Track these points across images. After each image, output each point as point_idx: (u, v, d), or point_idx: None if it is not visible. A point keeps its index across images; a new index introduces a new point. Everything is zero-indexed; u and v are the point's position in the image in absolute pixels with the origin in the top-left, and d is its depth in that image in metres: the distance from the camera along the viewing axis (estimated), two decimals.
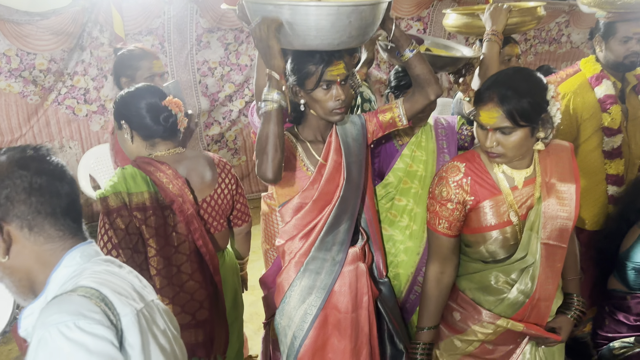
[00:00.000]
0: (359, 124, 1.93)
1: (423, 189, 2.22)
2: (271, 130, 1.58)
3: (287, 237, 1.90)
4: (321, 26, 1.62)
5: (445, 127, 2.32)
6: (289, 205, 1.86)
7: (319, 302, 1.86)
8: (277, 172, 1.61)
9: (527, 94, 1.60)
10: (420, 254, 2.25)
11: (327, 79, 1.73)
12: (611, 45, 2.42)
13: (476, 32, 2.49)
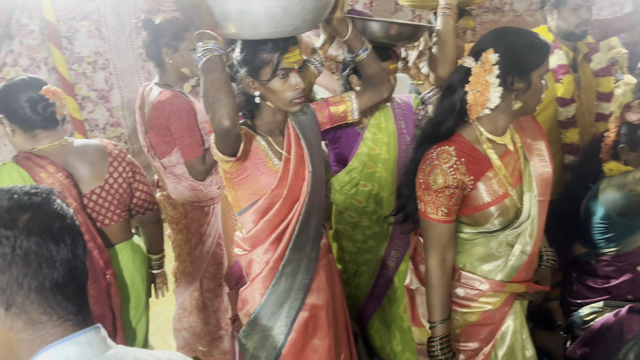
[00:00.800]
0: (310, 113, 1.84)
1: (387, 172, 2.18)
2: (216, 77, 1.45)
3: (254, 243, 1.76)
4: (273, 13, 1.51)
5: (402, 106, 2.27)
6: (254, 209, 1.71)
7: (297, 303, 1.78)
8: (234, 117, 1.47)
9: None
10: (389, 238, 2.23)
11: (284, 67, 1.62)
12: (562, 14, 2.41)
13: (430, 5, 2.43)
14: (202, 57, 1.46)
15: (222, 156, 1.57)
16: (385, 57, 2.07)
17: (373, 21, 2.03)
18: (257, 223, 1.71)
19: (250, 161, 1.66)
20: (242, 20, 1.52)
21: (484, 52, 1.56)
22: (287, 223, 1.73)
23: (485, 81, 1.54)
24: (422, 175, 1.65)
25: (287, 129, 1.77)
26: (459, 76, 1.63)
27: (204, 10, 1.48)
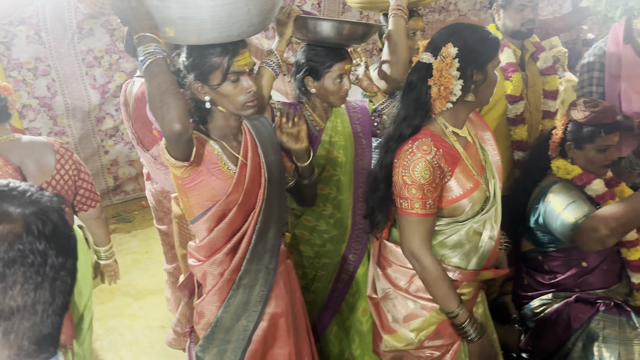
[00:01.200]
0: (267, 123, 1.82)
1: (344, 175, 2.16)
2: (162, 80, 1.40)
3: (208, 253, 1.69)
4: (218, 18, 1.48)
5: (357, 110, 2.27)
6: (207, 216, 1.65)
7: (255, 316, 1.73)
8: (185, 120, 1.42)
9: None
10: (346, 242, 2.21)
11: (235, 70, 1.58)
12: (509, 14, 2.47)
13: (380, 7, 2.44)
14: (145, 61, 1.40)
15: (175, 161, 1.52)
16: (339, 58, 2.07)
17: (326, 21, 2.01)
18: (211, 231, 1.65)
19: (204, 166, 1.60)
20: (186, 26, 1.48)
21: (443, 46, 1.60)
22: (243, 232, 1.67)
23: (449, 74, 1.58)
24: (405, 171, 1.62)
25: (243, 134, 1.72)
26: (419, 73, 1.66)
27: (143, 14, 1.43)
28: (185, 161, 1.53)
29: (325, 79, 2.07)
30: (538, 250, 2.29)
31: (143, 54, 1.40)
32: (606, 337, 2.01)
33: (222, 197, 1.63)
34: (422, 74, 1.65)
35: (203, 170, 1.60)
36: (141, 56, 1.41)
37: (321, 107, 2.17)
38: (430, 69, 1.62)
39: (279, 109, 1.84)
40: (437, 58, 1.61)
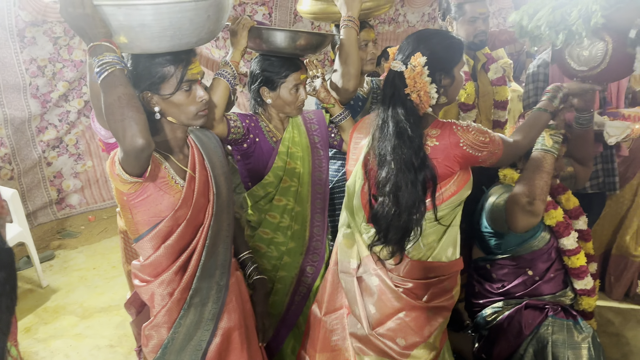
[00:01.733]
0: (213, 138, 1.78)
1: (302, 186, 2.14)
2: (122, 93, 1.33)
3: (154, 272, 1.60)
4: (179, 25, 1.43)
5: (315, 121, 2.26)
6: (154, 233, 1.57)
7: (208, 335, 1.66)
8: (148, 134, 1.36)
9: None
10: (304, 254, 2.19)
11: (189, 78, 1.54)
12: (462, 25, 2.52)
13: (332, 18, 2.44)
14: (102, 72, 1.33)
15: (128, 177, 1.44)
16: (294, 68, 2.06)
17: (280, 31, 2.00)
18: (157, 249, 1.57)
19: (151, 181, 1.53)
20: (145, 34, 1.41)
21: (413, 56, 1.71)
22: (192, 249, 1.61)
23: (422, 81, 1.69)
24: (481, 137, 1.75)
25: (190, 148, 1.67)
26: (393, 82, 1.77)
27: (98, 22, 1.36)
28: (139, 177, 1.46)
29: (281, 89, 2.06)
30: (487, 258, 2.32)
31: (99, 64, 1.33)
32: (555, 342, 2.06)
33: (171, 212, 1.56)
34: (397, 83, 1.75)
35: (150, 185, 1.53)
36: (97, 67, 1.34)
37: (277, 118, 2.15)
38: (403, 78, 1.73)
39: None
40: (408, 67, 1.72)
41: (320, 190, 2.21)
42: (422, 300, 1.83)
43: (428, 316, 1.84)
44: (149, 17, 1.39)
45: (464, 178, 1.81)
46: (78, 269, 4.06)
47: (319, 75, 2.20)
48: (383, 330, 1.84)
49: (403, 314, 1.82)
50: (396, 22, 6.67)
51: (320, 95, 2.21)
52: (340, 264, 1.96)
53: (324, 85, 2.21)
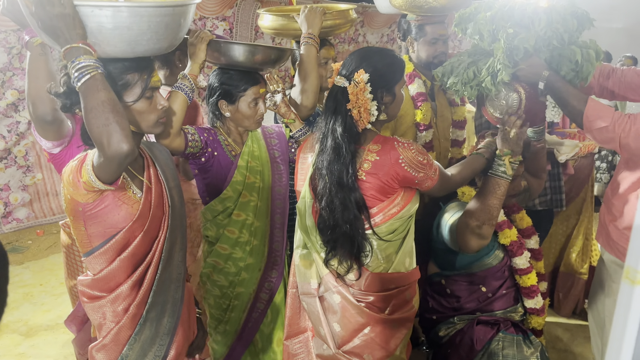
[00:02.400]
0: (164, 150, 1.75)
1: (262, 201, 2.12)
2: (106, 97, 1.29)
3: (107, 287, 1.53)
4: (156, 29, 1.43)
5: (274, 136, 2.25)
6: (109, 246, 1.50)
7: (163, 350, 1.62)
8: (132, 139, 1.33)
9: None
10: (262, 269, 2.16)
11: (153, 86, 1.52)
12: (422, 46, 2.56)
13: (292, 34, 2.45)
14: (81, 77, 1.29)
15: (101, 185, 1.39)
16: (253, 82, 2.05)
17: (239, 45, 1.99)
18: (111, 262, 1.51)
19: (112, 191, 1.48)
20: (123, 36, 1.39)
21: (356, 72, 1.75)
22: (147, 262, 1.56)
23: (364, 97, 1.73)
24: (420, 157, 1.77)
25: (145, 159, 1.63)
26: (336, 97, 1.79)
27: (77, 22, 1.32)
28: (112, 185, 1.42)
29: (240, 103, 2.05)
30: (442, 274, 2.35)
31: (78, 67, 1.29)
32: (505, 357, 2.09)
33: (128, 224, 1.51)
34: (340, 99, 1.78)
35: (109, 195, 1.48)
36: (75, 70, 1.29)
37: (236, 132, 2.13)
38: (346, 93, 1.76)
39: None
40: (351, 83, 1.75)
41: (280, 206, 2.19)
42: (385, 313, 1.84)
43: (392, 329, 1.85)
44: (128, 19, 1.37)
45: (410, 193, 1.84)
46: (23, 285, 3.90)
47: (280, 90, 2.20)
48: (349, 347, 1.83)
49: (368, 330, 1.82)
50: (356, 42, 6.78)
51: (281, 110, 2.21)
52: (299, 286, 1.95)
53: (285, 100, 2.21)
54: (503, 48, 1.88)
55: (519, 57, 1.91)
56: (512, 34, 1.87)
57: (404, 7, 2.49)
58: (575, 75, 1.93)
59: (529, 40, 1.85)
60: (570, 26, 1.87)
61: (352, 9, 2.52)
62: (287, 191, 2.23)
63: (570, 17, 1.87)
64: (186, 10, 1.53)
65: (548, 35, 1.86)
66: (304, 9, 2.32)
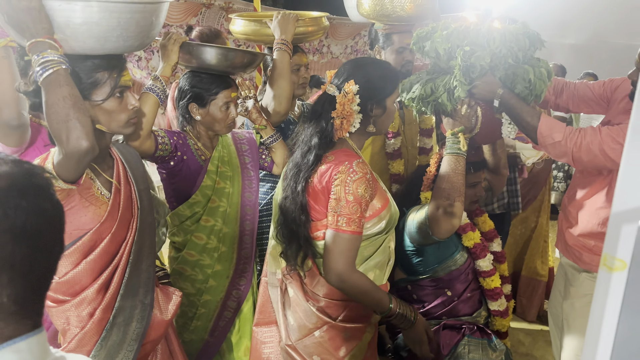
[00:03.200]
0: (134, 152, 1.73)
1: (231, 207, 2.10)
2: (68, 93, 1.27)
3: (71, 290, 1.49)
4: (126, 26, 1.41)
5: (245, 142, 2.24)
6: (75, 247, 1.47)
7: (131, 355, 1.57)
8: (93, 138, 1.31)
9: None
10: (230, 277, 2.13)
11: (122, 85, 1.50)
12: (389, 55, 2.60)
13: (264, 40, 2.46)
14: (44, 71, 1.26)
15: (62, 184, 1.37)
16: (225, 85, 2.04)
17: (212, 47, 1.98)
18: (77, 264, 1.48)
19: (77, 191, 1.45)
20: (92, 32, 1.37)
21: (346, 82, 1.73)
22: (115, 265, 1.53)
23: (350, 109, 1.71)
24: (348, 188, 1.66)
25: (115, 160, 1.61)
26: (323, 104, 1.77)
27: (44, 17, 1.30)
28: (73, 184, 1.40)
29: (211, 106, 2.03)
30: (408, 279, 2.37)
31: (41, 62, 1.27)
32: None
33: (96, 225, 1.48)
34: (327, 106, 1.76)
35: (76, 195, 1.45)
36: (38, 65, 1.27)
37: (206, 136, 2.10)
38: (334, 101, 1.74)
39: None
40: (341, 92, 1.73)
41: (250, 212, 2.17)
42: (335, 320, 1.79)
43: (344, 337, 1.81)
44: (98, 14, 1.35)
45: (378, 210, 1.78)
46: None
47: (252, 96, 2.20)
48: (301, 346, 1.80)
49: (318, 333, 1.79)
50: (320, 53, 6.83)
51: (252, 116, 2.21)
52: (268, 276, 1.93)
53: (256, 106, 2.21)
54: (460, 65, 1.92)
55: (475, 75, 1.95)
56: (469, 51, 1.91)
57: (372, 15, 2.53)
58: (529, 92, 1.98)
59: (484, 58, 1.89)
60: (523, 45, 1.94)
61: (324, 17, 2.54)
62: (257, 197, 2.22)
63: (522, 37, 1.93)
64: (158, 9, 1.52)
65: (503, 53, 1.91)
66: (277, 14, 2.34)
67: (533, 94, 2.00)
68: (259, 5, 4.74)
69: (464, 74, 1.94)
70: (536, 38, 1.99)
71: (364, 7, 2.56)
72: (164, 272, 1.90)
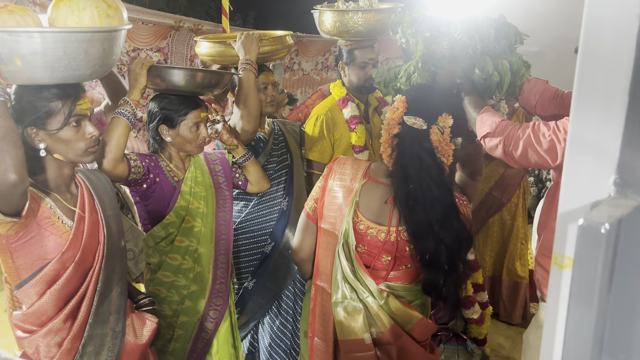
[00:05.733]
0: (104, 179, 1.73)
1: (206, 227, 2.10)
2: (1, 125, 1.26)
3: (39, 321, 1.48)
4: (74, 55, 1.41)
5: (218, 162, 2.25)
6: (38, 278, 1.46)
7: None
8: (23, 170, 1.29)
9: None
10: (207, 297, 2.11)
11: (78, 114, 1.50)
12: (353, 70, 2.65)
13: (230, 60, 2.48)
14: None
15: (3, 217, 1.34)
16: (194, 106, 2.06)
17: (179, 69, 2.01)
18: (42, 295, 1.47)
19: (35, 221, 1.44)
20: (38, 62, 1.37)
21: (440, 116, 1.68)
22: (81, 294, 1.52)
23: (450, 147, 1.68)
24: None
25: (79, 187, 1.60)
26: (418, 139, 1.68)
27: None
28: (15, 216, 1.36)
29: (181, 127, 2.05)
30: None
31: None
32: None
33: (57, 255, 1.47)
34: (421, 140, 1.68)
35: (34, 225, 1.44)
36: None
37: (178, 157, 2.12)
38: (425, 134, 1.67)
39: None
40: (434, 127, 1.66)
41: (225, 231, 2.18)
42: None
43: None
44: (41, 45, 1.35)
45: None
46: None
47: (220, 119, 2.22)
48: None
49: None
50: (292, 70, 6.89)
51: (223, 137, 2.23)
52: (342, 344, 1.76)
53: (226, 127, 2.23)
54: (422, 51, 1.91)
55: (436, 62, 1.93)
56: (429, 37, 1.89)
57: (333, 32, 2.59)
58: (486, 85, 1.93)
59: (443, 44, 1.88)
60: (486, 36, 1.89)
61: (288, 35, 2.58)
62: (232, 216, 2.23)
63: (486, 27, 1.89)
64: (109, 37, 1.51)
65: (464, 41, 1.87)
66: (240, 35, 2.36)
67: (492, 87, 1.94)
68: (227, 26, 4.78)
69: (426, 61, 1.92)
70: (511, 31, 1.96)
71: (325, 25, 2.61)
72: (149, 300, 1.86)
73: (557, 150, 1.75)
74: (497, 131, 1.87)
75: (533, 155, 1.80)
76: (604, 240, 0.59)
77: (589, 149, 0.66)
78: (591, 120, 0.65)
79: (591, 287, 0.62)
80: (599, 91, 0.63)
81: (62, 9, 1.53)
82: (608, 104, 0.62)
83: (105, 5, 1.56)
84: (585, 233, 0.60)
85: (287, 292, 2.56)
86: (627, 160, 0.63)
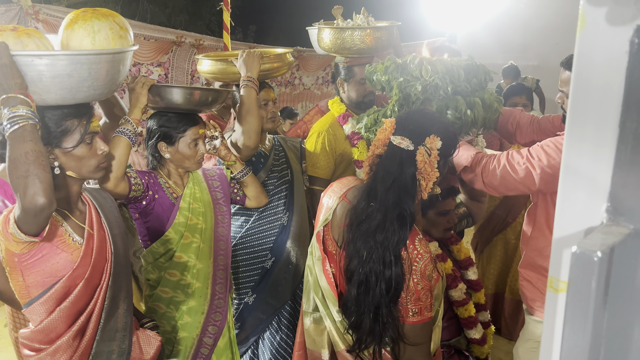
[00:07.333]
0: (108, 197, 1.76)
1: (204, 242, 2.11)
2: (31, 149, 1.29)
3: (47, 339, 1.49)
4: (97, 76, 1.47)
5: (216, 178, 2.27)
6: (48, 295, 1.47)
7: None
8: (51, 193, 1.32)
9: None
10: (206, 312, 2.12)
11: (92, 131, 1.54)
12: (352, 87, 2.68)
13: (231, 78, 2.51)
14: (12, 125, 1.29)
15: (24, 237, 1.36)
16: (192, 123, 2.08)
17: (178, 88, 2.03)
18: (51, 312, 1.48)
19: (47, 240, 1.46)
20: (64, 84, 1.41)
21: (428, 137, 1.56)
22: (90, 311, 1.53)
23: (434, 169, 1.57)
24: (421, 275, 1.51)
25: (87, 205, 1.63)
26: (398, 159, 1.59)
27: (15, 72, 1.33)
28: (35, 236, 1.39)
29: (180, 144, 2.07)
30: None
31: (9, 117, 1.29)
32: None
33: (69, 272, 1.49)
34: (404, 161, 1.58)
35: (46, 244, 1.46)
36: (7, 119, 1.29)
37: (176, 173, 2.14)
38: (410, 155, 1.58)
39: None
40: (421, 148, 1.56)
41: (223, 247, 2.19)
42: None
43: None
44: (69, 67, 1.40)
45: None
46: None
47: (217, 135, 2.25)
48: None
49: None
50: (292, 85, 6.94)
51: (221, 154, 2.25)
52: (309, 353, 1.78)
53: (224, 143, 2.25)
54: (398, 96, 1.97)
55: (410, 104, 1.99)
56: (403, 82, 1.96)
57: (333, 49, 2.62)
58: (462, 124, 1.96)
59: (417, 87, 1.94)
60: (457, 77, 1.96)
61: (288, 53, 2.61)
62: (230, 232, 2.24)
63: (456, 69, 1.96)
64: (125, 57, 1.58)
65: (436, 83, 1.93)
66: (242, 53, 2.40)
67: (468, 123, 1.96)
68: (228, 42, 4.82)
69: (402, 104, 1.98)
70: (480, 70, 2.01)
71: (324, 42, 2.63)
72: (153, 323, 1.87)
73: (534, 176, 1.80)
74: (473, 164, 1.93)
75: (511, 183, 1.84)
76: (597, 267, 0.60)
77: (582, 178, 0.68)
78: (584, 150, 0.67)
79: (585, 311, 0.63)
80: (590, 123, 0.66)
81: (78, 31, 1.56)
82: (599, 135, 0.65)
83: (117, 26, 1.60)
84: (578, 260, 0.61)
85: (287, 307, 2.57)
86: (618, 189, 0.65)
